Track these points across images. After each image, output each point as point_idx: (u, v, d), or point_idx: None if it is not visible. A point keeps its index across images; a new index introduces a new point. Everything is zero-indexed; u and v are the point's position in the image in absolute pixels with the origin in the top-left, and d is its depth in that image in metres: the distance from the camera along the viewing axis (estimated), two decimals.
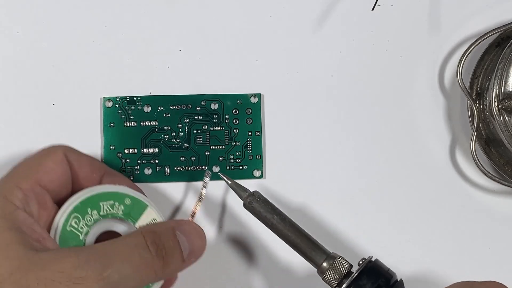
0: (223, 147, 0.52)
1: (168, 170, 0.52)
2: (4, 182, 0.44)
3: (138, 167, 0.52)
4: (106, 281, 0.40)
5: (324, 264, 0.46)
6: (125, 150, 0.52)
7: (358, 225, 0.53)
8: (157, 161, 0.52)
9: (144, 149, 0.52)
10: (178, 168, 0.52)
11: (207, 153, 0.52)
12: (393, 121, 0.54)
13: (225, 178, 0.49)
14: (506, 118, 0.49)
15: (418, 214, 0.53)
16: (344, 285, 0.45)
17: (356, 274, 0.45)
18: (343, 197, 0.53)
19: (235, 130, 0.53)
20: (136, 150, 0.52)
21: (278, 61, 0.53)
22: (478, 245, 0.54)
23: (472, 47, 0.52)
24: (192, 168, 0.52)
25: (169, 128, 0.52)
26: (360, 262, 0.46)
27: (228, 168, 0.52)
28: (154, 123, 0.52)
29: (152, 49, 0.53)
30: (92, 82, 0.52)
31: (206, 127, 0.52)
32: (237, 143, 0.52)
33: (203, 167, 0.52)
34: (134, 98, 0.52)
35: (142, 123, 0.52)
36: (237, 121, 0.53)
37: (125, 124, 0.52)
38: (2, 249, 0.40)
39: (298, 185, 0.53)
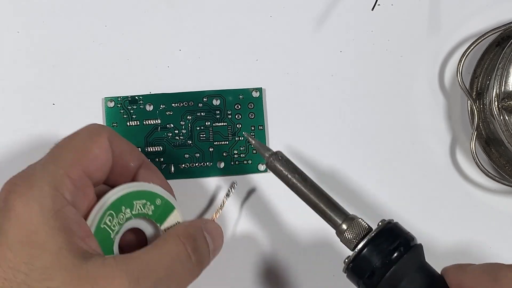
0: (227, 142, 0.52)
1: (172, 167, 0.52)
2: (53, 169, 0.41)
3: None
4: None
5: (343, 226, 0.44)
6: None
7: None
8: (161, 159, 0.52)
9: (148, 148, 0.52)
10: (183, 165, 0.52)
11: (211, 149, 0.52)
12: (393, 121, 0.54)
13: (249, 138, 0.46)
14: (506, 118, 0.49)
15: (418, 213, 0.53)
16: (361, 244, 0.42)
17: (374, 234, 0.43)
18: (343, 195, 0.53)
19: (238, 125, 0.52)
20: (139, 149, 0.51)
21: (278, 61, 0.53)
22: (479, 244, 0.54)
23: (472, 47, 0.52)
24: (196, 164, 0.52)
25: (172, 125, 0.52)
26: (380, 224, 0.44)
27: (232, 163, 0.52)
28: (156, 121, 0.52)
29: (152, 49, 0.53)
30: (92, 82, 0.52)
31: (209, 123, 0.52)
32: (240, 138, 0.52)
33: (210, 163, 0.52)
34: (136, 97, 0.52)
35: (144, 122, 0.52)
36: (240, 116, 0.53)
37: (128, 123, 0.52)
38: (54, 256, 0.38)
39: None
